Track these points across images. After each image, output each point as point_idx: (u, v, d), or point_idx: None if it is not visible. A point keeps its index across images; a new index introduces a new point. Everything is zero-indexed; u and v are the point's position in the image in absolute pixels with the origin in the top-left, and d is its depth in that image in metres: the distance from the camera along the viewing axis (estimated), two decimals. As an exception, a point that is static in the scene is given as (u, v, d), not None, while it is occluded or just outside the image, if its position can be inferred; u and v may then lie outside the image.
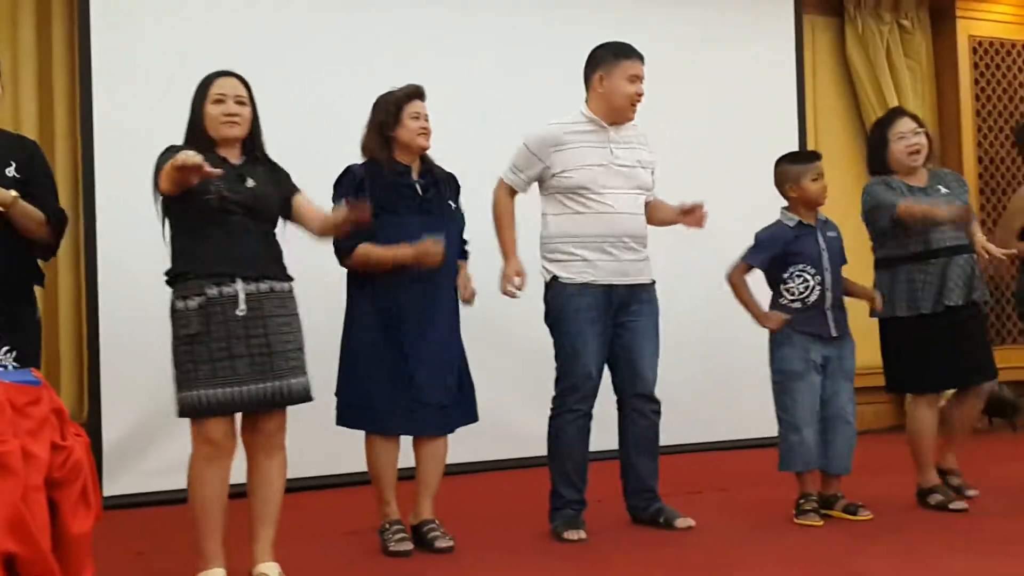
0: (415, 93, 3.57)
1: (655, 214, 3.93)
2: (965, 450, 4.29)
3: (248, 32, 4.80)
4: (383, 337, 3.49)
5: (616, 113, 3.76)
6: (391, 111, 3.52)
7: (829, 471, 3.98)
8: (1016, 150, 4.54)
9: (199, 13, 4.77)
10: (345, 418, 3.55)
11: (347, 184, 3.50)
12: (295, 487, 3.60)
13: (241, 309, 2.97)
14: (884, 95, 6.34)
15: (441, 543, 3.53)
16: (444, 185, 3.63)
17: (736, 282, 4.01)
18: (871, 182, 4.10)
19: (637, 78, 3.74)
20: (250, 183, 3.06)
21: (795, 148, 6.00)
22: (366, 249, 3.46)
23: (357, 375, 3.51)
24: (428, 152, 3.62)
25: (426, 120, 3.56)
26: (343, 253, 3.51)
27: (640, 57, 3.77)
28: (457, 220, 3.70)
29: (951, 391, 4.29)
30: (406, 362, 3.48)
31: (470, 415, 3.69)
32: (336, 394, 3.55)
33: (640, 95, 3.75)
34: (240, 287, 2.98)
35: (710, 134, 5.73)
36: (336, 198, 3.48)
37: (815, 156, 4.07)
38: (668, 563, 3.33)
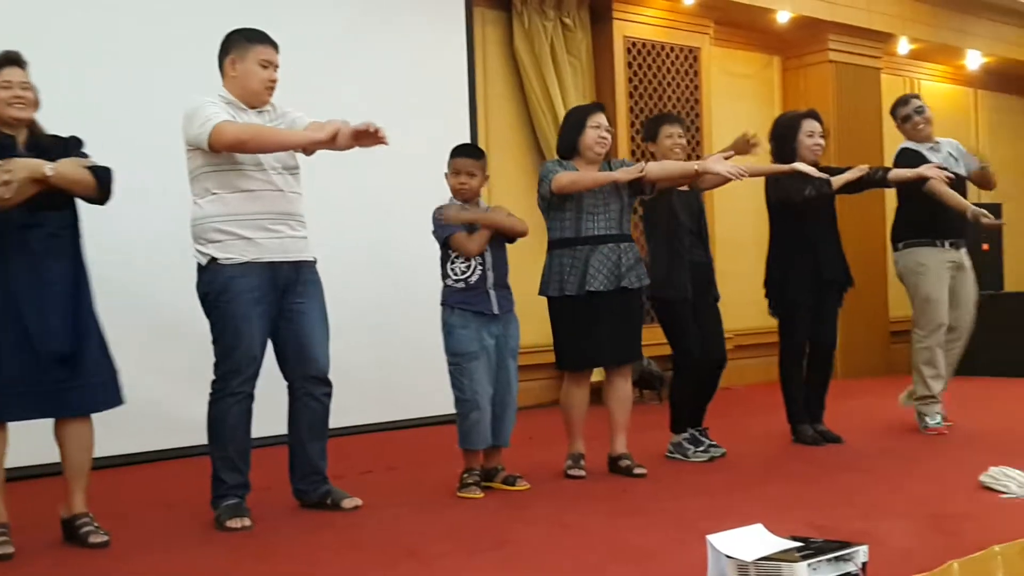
0: (4, 61, 3.33)
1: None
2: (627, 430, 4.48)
3: None
4: None
5: (252, 96, 3.71)
6: None
7: (495, 444, 4.17)
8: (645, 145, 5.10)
9: None
10: None
11: None
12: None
13: None
14: (548, 89, 6.69)
15: (95, 538, 3.36)
16: (54, 153, 3.37)
17: (464, 244, 4.03)
18: (547, 161, 4.41)
19: (270, 63, 3.71)
20: None
21: (466, 133, 6.24)
22: None
23: None
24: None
25: (21, 89, 3.33)
26: None
27: (274, 45, 3.73)
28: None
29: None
30: (17, 342, 3.23)
31: (112, 398, 3.44)
32: None
33: (274, 81, 3.73)
34: None
35: (383, 119, 5.75)
36: None
37: (458, 151, 4.19)
38: (333, 544, 3.37)
